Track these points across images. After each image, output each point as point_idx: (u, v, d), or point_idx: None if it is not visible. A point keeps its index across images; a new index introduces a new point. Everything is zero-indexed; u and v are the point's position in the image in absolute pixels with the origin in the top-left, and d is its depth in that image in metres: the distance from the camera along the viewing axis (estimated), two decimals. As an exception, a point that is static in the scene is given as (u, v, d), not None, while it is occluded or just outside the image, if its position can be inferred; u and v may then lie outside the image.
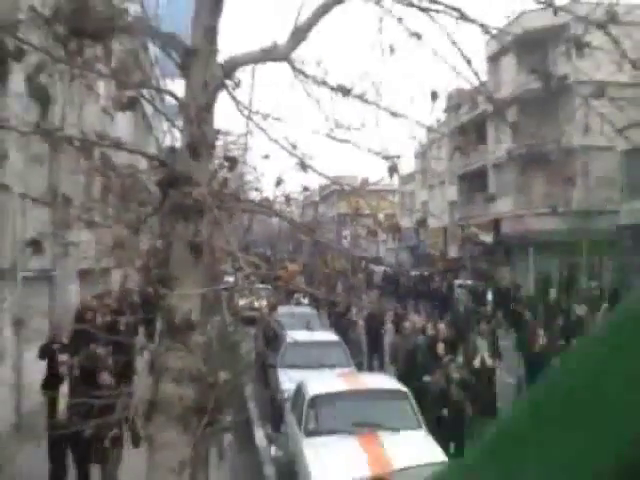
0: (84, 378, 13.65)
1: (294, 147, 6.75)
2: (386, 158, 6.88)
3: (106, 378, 13.19)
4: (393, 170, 6.88)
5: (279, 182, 7.21)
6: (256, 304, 24.78)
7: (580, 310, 29.77)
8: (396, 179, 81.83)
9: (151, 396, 6.31)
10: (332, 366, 20.36)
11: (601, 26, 7.20)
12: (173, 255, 6.27)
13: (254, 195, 9.38)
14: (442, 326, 22.24)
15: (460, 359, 19.16)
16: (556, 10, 7.16)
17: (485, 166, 58.49)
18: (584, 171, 45.76)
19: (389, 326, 29.51)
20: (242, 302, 26.64)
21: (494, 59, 53.53)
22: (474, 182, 62.16)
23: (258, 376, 24.36)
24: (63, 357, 14.26)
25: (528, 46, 41.60)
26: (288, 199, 7.37)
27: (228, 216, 6.68)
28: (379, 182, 12.83)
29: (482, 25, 7.09)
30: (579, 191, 45.40)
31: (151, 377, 6.59)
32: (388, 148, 6.96)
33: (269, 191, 7.81)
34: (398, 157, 6.84)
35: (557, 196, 42.81)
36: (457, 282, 50.53)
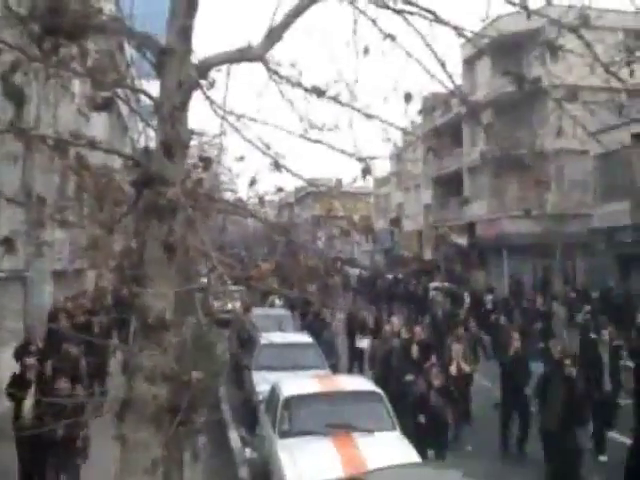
0: (54, 380, 13.62)
1: (268, 147, 6.78)
2: (360, 159, 6.92)
3: (64, 386, 13.13)
4: (366, 171, 6.92)
5: (253, 182, 7.23)
6: (230, 306, 24.74)
7: (560, 312, 30.02)
8: (371, 181, 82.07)
9: (124, 395, 6.31)
10: (307, 368, 20.36)
11: (573, 30, 7.28)
12: (147, 254, 6.27)
13: (229, 195, 9.39)
14: (418, 329, 22.26)
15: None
16: (529, 13, 7.22)
17: (460, 169, 58.72)
18: (558, 175, 46.06)
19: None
20: (216, 304, 26.51)
21: (470, 62, 53.79)
22: (449, 185, 62.42)
23: (232, 378, 24.36)
24: (30, 360, 14.20)
25: (503, 50, 41.84)
26: (262, 199, 7.39)
27: (202, 216, 6.70)
28: (354, 184, 12.84)
29: (456, 28, 7.15)
30: (553, 194, 45.68)
31: (124, 377, 6.58)
32: (361, 149, 7.00)
33: (244, 192, 7.84)
34: (371, 158, 6.88)
35: (531, 199, 43.06)
36: (432, 285, 50.66)
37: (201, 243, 6.41)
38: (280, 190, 7.56)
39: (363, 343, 26.57)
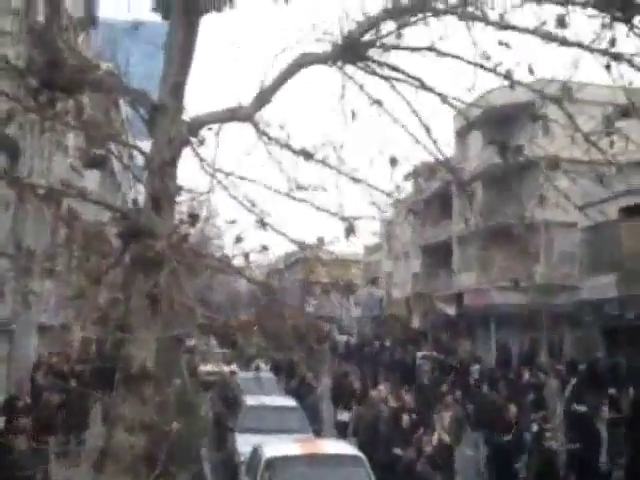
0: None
1: (253, 205, 6.94)
2: (343, 219, 7.07)
3: (22, 443, 13.07)
4: (350, 231, 7.06)
5: (239, 240, 7.36)
6: (215, 368, 24.63)
7: (553, 384, 29.91)
8: (361, 249, 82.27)
9: (103, 445, 6.36)
10: (290, 431, 20.26)
11: (556, 101, 7.52)
12: (132, 306, 6.38)
13: (215, 252, 9.49)
14: (408, 398, 22.18)
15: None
16: (513, 84, 7.45)
17: (450, 239, 58.96)
18: (547, 247, 46.32)
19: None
20: (203, 368, 26.23)
21: (462, 134, 54.32)
22: (438, 255, 62.58)
23: (215, 439, 24.24)
24: (22, 422, 14.17)
25: (494, 123, 42.32)
26: (247, 257, 7.50)
27: (188, 270, 6.81)
28: (344, 250, 12.90)
29: (441, 95, 7.36)
30: (541, 266, 45.86)
31: (104, 426, 6.64)
32: (345, 209, 7.15)
33: (231, 249, 7.94)
34: (355, 219, 7.03)
35: (519, 271, 43.21)
36: (419, 353, 50.58)
37: (185, 296, 6.52)
38: (265, 249, 7.67)
39: (344, 416, 26.29)
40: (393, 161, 7.42)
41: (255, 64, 8.20)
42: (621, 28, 6.75)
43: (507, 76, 7.55)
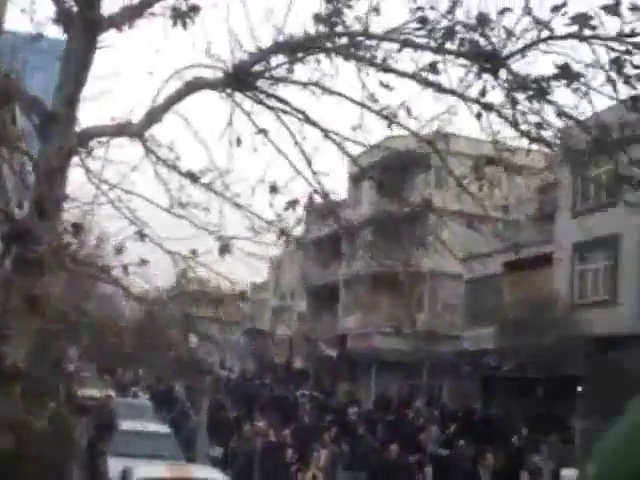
0: None
1: (135, 217, 7.17)
2: (219, 239, 7.34)
3: None
4: (224, 250, 7.32)
5: (119, 250, 7.56)
6: (94, 393, 24.37)
7: (432, 430, 30.57)
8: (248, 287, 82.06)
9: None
10: (162, 457, 20.20)
11: (430, 143, 7.99)
12: (9, 306, 6.52)
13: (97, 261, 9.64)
14: (286, 432, 22.42)
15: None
16: (390, 123, 7.85)
17: (337, 281, 59.38)
18: (432, 295, 47.23)
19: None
20: (81, 392, 25.74)
21: (356, 179, 55.00)
22: (324, 296, 62.93)
23: (88, 462, 23.98)
24: None
25: (388, 170, 43.05)
26: (126, 268, 7.69)
27: (67, 276, 6.98)
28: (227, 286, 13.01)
29: (323, 130, 7.74)
30: (425, 314, 46.69)
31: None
32: (223, 228, 7.42)
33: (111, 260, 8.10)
34: (231, 239, 7.30)
35: (403, 317, 43.90)
36: (299, 392, 50.75)
37: (62, 301, 6.70)
38: (144, 262, 7.85)
39: (216, 452, 26.30)
40: (273, 189, 7.73)
41: (148, 84, 8.45)
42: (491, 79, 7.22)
43: (389, 118, 7.96)
